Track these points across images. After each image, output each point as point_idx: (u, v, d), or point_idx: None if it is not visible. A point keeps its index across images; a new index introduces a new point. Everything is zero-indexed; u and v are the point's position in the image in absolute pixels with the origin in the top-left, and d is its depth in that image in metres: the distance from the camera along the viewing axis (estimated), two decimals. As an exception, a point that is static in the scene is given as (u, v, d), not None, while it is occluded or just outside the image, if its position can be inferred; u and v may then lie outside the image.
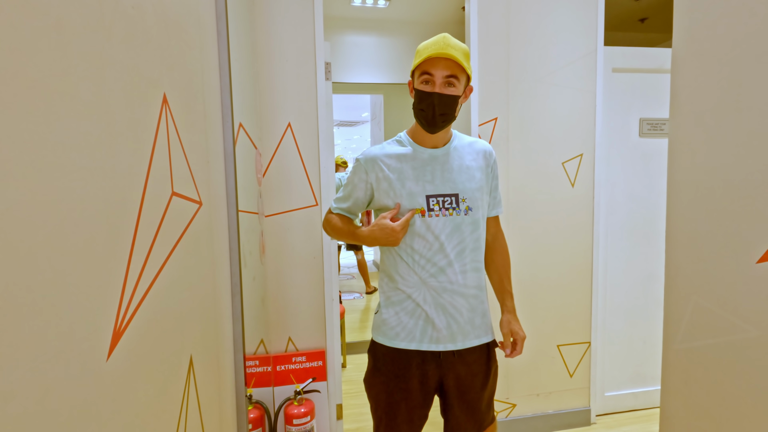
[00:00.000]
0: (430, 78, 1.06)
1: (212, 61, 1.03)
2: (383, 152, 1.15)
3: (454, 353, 1.14)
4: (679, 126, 1.03)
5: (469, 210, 1.12)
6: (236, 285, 1.14)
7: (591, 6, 2.06)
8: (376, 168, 1.14)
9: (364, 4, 2.94)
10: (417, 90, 1.09)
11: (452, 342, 1.13)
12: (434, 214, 1.10)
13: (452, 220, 1.11)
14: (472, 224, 1.13)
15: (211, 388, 0.93)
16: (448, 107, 1.06)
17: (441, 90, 1.05)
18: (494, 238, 1.27)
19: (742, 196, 0.86)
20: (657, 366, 2.23)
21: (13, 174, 0.34)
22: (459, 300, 1.13)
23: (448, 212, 1.11)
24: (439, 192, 1.11)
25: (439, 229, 1.10)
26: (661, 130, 2.19)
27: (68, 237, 0.41)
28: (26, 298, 0.35)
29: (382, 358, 1.16)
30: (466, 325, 1.14)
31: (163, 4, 0.71)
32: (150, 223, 0.61)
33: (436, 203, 1.10)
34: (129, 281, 0.54)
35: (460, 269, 1.12)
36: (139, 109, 0.59)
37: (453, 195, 1.11)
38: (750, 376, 0.84)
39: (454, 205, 1.11)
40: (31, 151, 0.36)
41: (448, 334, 1.13)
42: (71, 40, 0.43)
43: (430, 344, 1.13)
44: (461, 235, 1.12)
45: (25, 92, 0.36)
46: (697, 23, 0.98)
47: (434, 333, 1.12)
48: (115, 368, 0.49)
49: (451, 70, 1.04)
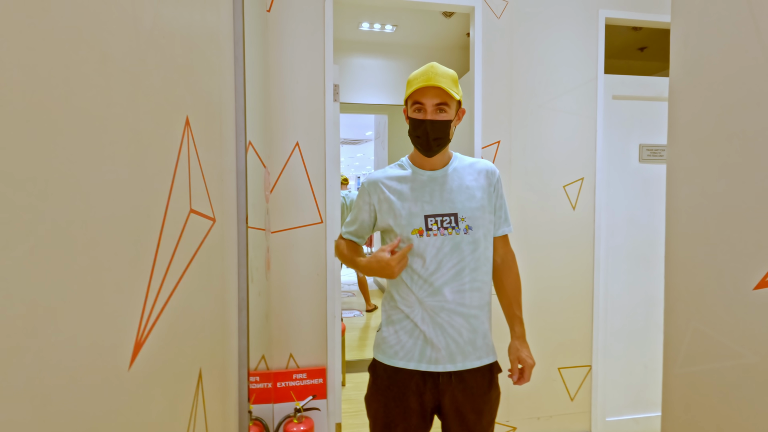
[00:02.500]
0: (422, 107, 1.11)
1: (229, 84, 1.08)
2: (384, 175, 1.21)
3: (452, 375, 1.14)
4: (677, 153, 1.07)
5: (469, 229, 1.13)
6: (243, 300, 1.16)
7: (592, 35, 2.13)
8: (377, 190, 1.19)
9: (372, 29, 3.04)
10: (411, 118, 1.14)
11: (452, 363, 1.13)
12: (432, 233, 1.12)
13: (451, 239, 1.12)
14: (472, 243, 1.13)
15: (217, 402, 0.94)
16: (441, 131, 1.11)
17: (433, 117, 1.11)
18: (503, 259, 1.25)
19: (738, 223, 0.89)
20: (658, 391, 2.22)
21: (56, 186, 0.37)
22: (458, 320, 1.13)
23: (447, 231, 1.12)
24: (438, 212, 1.13)
25: (437, 248, 1.12)
26: (660, 156, 2.24)
27: (98, 251, 0.44)
28: (62, 308, 0.38)
29: (382, 376, 1.17)
30: (466, 345, 1.14)
31: (189, 32, 0.76)
32: (171, 238, 0.64)
33: (435, 222, 1.12)
34: (150, 293, 0.57)
35: (458, 288, 1.13)
36: (166, 130, 0.63)
37: (452, 214, 1.13)
38: (750, 402, 0.86)
39: (453, 225, 1.12)
40: (71, 166, 0.39)
41: (447, 354, 1.13)
42: (113, 71, 0.47)
43: (429, 365, 1.13)
44: (460, 255, 1.13)
45: (75, 116, 0.40)
46: (692, 56, 1.03)
47: (433, 353, 1.13)
48: (136, 377, 0.51)
49: (440, 98, 1.10)
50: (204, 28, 0.86)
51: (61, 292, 0.37)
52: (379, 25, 2.98)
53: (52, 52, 0.36)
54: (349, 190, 5.76)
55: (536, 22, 2.09)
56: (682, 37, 1.06)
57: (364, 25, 2.97)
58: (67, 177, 0.38)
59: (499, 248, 1.25)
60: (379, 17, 2.88)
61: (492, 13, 2.04)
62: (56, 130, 0.37)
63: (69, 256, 0.38)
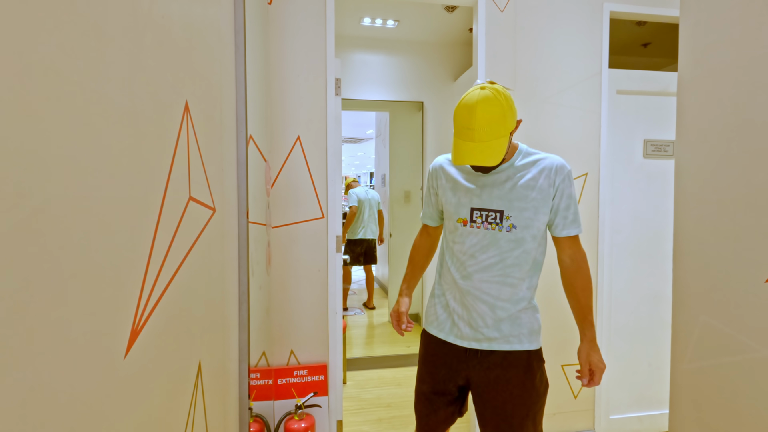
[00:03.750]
0: None
1: (229, 73, 1.06)
2: (447, 160, 1.28)
3: (477, 353, 1.20)
4: (686, 144, 1.05)
5: (513, 228, 1.15)
6: (244, 294, 1.14)
7: (596, 29, 2.11)
8: (439, 175, 1.28)
9: (374, 24, 3.01)
10: None
11: (476, 342, 1.20)
12: (476, 225, 1.18)
13: (492, 234, 1.16)
14: (514, 242, 1.15)
15: (217, 396, 0.92)
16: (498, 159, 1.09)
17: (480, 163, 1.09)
18: (572, 260, 1.23)
19: (749, 215, 0.87)
20: (663, 389, 2.20)
21: (47, 171, 0.35)
22: (482, 306, 1.18)
23: (491, 226, 1.17)
24: (485, 207, 1.17)
25: (477, 239, 1.18)
26: (665, 151, 2.22)
27: (93, 237, 0.42)
28: (55, 295, 0.36)
29: (423, 338, 1.32)
30: (491, 331, 1.18)
31: (189, 16, 0.74)
32: (169, 225, 0.62)
33: (479, 216, 1.18)
34: (147, 281, 0.55)
35: (487, 279, 1.17)
36: (164, 113, 0.61)
37: (498, 211, 1.16)
38: (763, 397, 0.84)
39: (498, 221, 1.16)
40: (64, 148, 0.37)
41: (472, 333, 1.20)
42: (107, 45, 0.45)
43: (456, 339, 1.22)
44: (498, 249, 1.16)
45: (64, 93, 0.38)
46: (702, 45, 1.01)
47: (459, 330, 1.22)
48: (132, 366, 0.49)
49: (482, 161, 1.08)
50: (204, 14, 0.84)
51: (51, 277, 0.35)
52: (380, 20, 2.95)
53: (41, 21, 0.34)
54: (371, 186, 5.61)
55: (540, 16, 2.06)
56: (691, 26, 1.04)
57: (366, 20, 2.95)
58: (58, 157, 0.36)
59: (566, 248, 1.23)
60: (380, 12, 2.86)
61: (495, 7, 2.02)
62: (46, 106, 0.35)
63: (60, 240, 0.36)
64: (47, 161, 0.35)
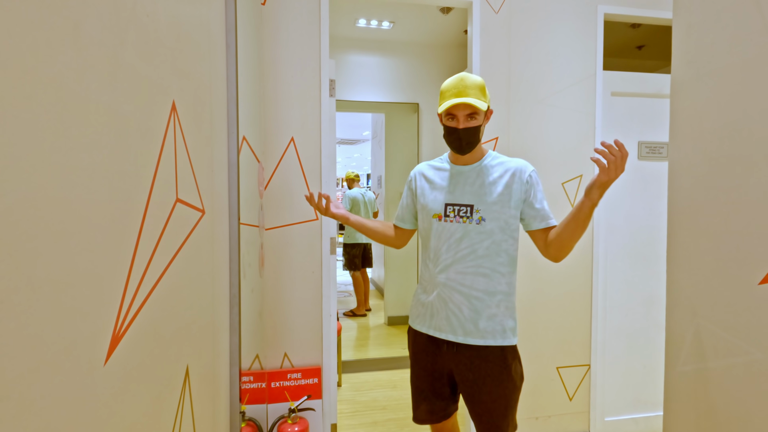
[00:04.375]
0: (454, 117, 1.25)
1: (220, 73, 1.05)
2: (427, 165, 1.42)
3: (455, 346, 1.27)
4: (679, 148, 1.05)
5: (482, 220, 1.26)
6: (235, 297, 1.13)
7: (591, 31, 2.11)
8: (418, 177, 1.41)
9: (369, 26, 3.01)
10: (445, 126, 1.29)
11: (453, 334, 1.27)
12: (449, 219, 1.29)
13: (464, 227, 1.27)
14: (483, 233, 1.25)
15: (206, 401, 0.91)
16: (472, 136, 1.26)
17: (464, 125, 1.24)
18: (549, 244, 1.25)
19: (743, 217, 0.87)
20: (657, 391, 2.19)
21: (18, 172, 0.34)
22: (458, 297, 1.26)
23: (462, 219, 1.27)
24: (457, 201, 1.29)
25: (450, 232, 1.28)
26: (659, 153, 2.22)
27: (71, 237, 0.41)
28: (27, 297, 0.34)
29: (409, 335, 1.41)
30: (466, 322, 1.26)
31: (176, 15, 0.72)
32: (154, 227, 0.61)
33: (452, 210, 1.29)
34: (130, 285, 0.53)
35: (461, 270, 1.26)
36: (149, 113, 0.60)
37: (468, 206, 1.28)
38: (756, 400, 0.83)
39: (468, 215, 1.27)
40: (38, 148, 0.36)
41: (448, 325, 1.28)
42: (87, 43, 0.44)
43: (435, 331, 1.30)
44: (470, 241, 1.26)
45: (39, 90, 0.36)
46: (695, 46, 1.01)
47: (437, 322, 1.30)
48: (112, 373, 0.48)
49: (470, 109, 1.23)
50: (193, 14, 0.83)
51: (25, 280, 0.34)
52: (376, 21, 2.95)
53: (15, 20, 0.33)
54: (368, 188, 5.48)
55: (535, 18, 2.06)
56: (684, 28, 1.04)
57: (361, 21, 2.95)
58: (33, 158, 0.35)
59: (540, 240, 1.29)
60: (375, 13, 2.85)
61: (490, 8, 2.02)
62: (21, 105, 0.34)
63: (33, 243, 0.35)
64: (19, 159, 0.33)
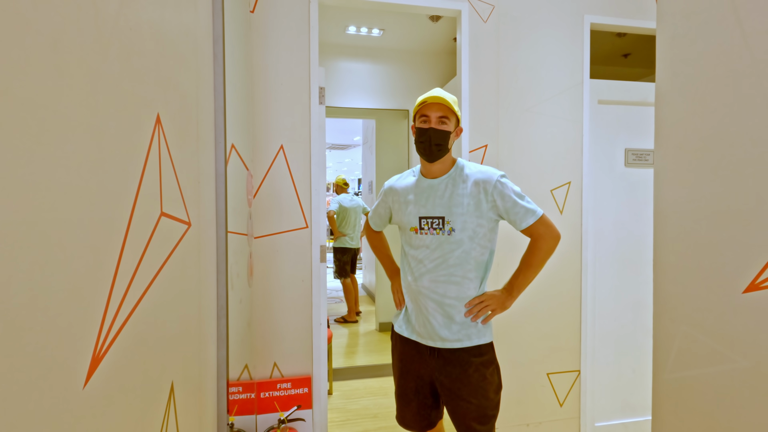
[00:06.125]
0: (427, 118, 1.31)
1: (207, 83, 1.04)
2: (398, 182, 1.46)
3: (432, 350, 1.32)
4: (664, 155, 1.06)
5: (452, 231, 1.30)
6: (222, 308, 1.11)
7: (577, 40, 2.14)
8: (392, 194, 1.46)
9: (359, 33, 3.02)
10: (417, 128, 1.34)
11: (431, 340, 1.32)
12: (424, 232, 1.34)
13: (437, 238, 1.32)
14: (453, 243, 1.30)
15: (192, 414, 0.89)
16: (442, 139, 1.30)
17: (435, 126, 1.30)
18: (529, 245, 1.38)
19: (727, 226, 0.88)
20: (647, 396, 2.21)
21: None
22: (431, 305, 1.32)
23: (435, 231, 1.32)
24: (430, 214, 1.34)
25: (425, 244, 1.33)
26: (645, 160, 2.25)
27: (49, 254, 0.40)
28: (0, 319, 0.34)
29: (392, 340, 1.46)
30: (440, 329, 1.31)
31: (161, 27, 0.72)
32: (137, 242, 0.60)
33: (426, 223, 1.34)
34: (112, 303, 0.52)
35: (434, 279, 1.31)
36: (132, 127, 0.59)
37: (440, 218, 1.32)
38: (741, 408, 0.84)
39: (441, 226, 1.32)
40: (13, 165, 0.35)
41: (424, 331, 1.33)
42: (66, 59, 0.43)
43: (415, 336, 1.36)
44: (442, 251, 1.31)
45: (15, 108, 0.36)
46: (678, 58, 1.02)
47: (416, 328, 1.36)
48: (91, 396, 0.47)
49: (443, 112, 1.30)
50: (179, 25, 0.82)
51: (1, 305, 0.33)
52: (366, 28, 2.96)
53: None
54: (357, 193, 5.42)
55: (522, 27, 2.09)
56: (668, 39, 1.06)
57: (351, 28, 2.95)
58: (7, 175, 0.34)
59: (531, 235, 1.36)
60: (366, 21, 2.86)
61: (479, 17, 2.04)
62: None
63: (9, 260, 0.34)
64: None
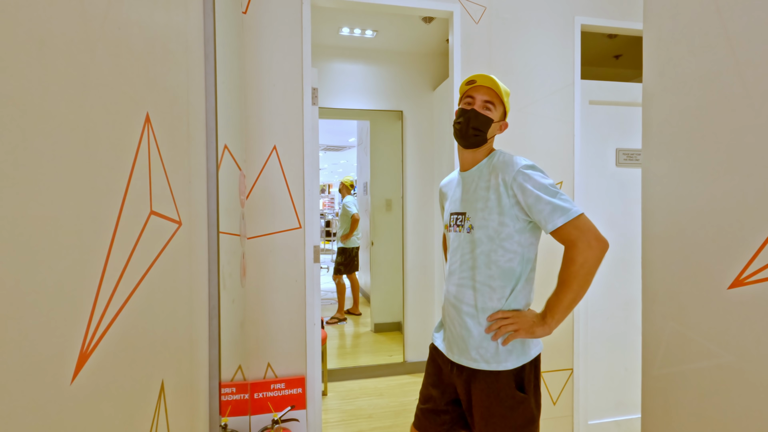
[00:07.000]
0: (472, 100, 1.20)
1: (198, 83, 1.04)
2: (445, 180, 1.38)
3: (454, 365, 1.19)
4: (651, 155, 1.08)
5: (472, 228, 1.16)
6: (214, 308, 1.11)
7: (568, 41, 2.16)
8: (440, 194, 1.39)
9: (352, 34, 3.03)
10: (459, 108, 1.22)
11: (450, 352, 1.20)
12: (452, 229, 1.23)
13: (458, 236, 1.21)
14: (472, 242, 1.16)
15: (183, 415, 0.89)
16: (482, 124, 1.17)
17: (479, 109, 1.18)
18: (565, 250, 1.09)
19: (712, 224, 0.89)
20: (639, 393, 2.23)
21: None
22: (452, 311, 1.19)
23: (458, 228, 1.21)
24: (457, 210, 1.23)
25: (450, 242, 1.24)
26: (636, 160, 2.27)
27: (35, 251, 0.40)
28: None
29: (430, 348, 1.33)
30: (459, 340, 1.16)
31: (151, 27, 0.72)
32: (126, 240, 0.60)
33: (454, 220, 1.23)
34: (100, 300, 0.53)
35: (456, 282, 1.19)
36: (121, 126, 0.59)
37: (462, 213, 1.21)
38: (727, 402, 0.85)
39: (462, 223, 1.20)
40: (0, 163, 0.36)
41: (446, 342, 1.22)
42: (53, 59, 0.44)
43: (445, 349, 1.23)
44: (462, 251, 1.19)
45: (1, 106, 0.36)
46: (664, 59, 1.04)
47: (443, 337, 1.25)
48: (79, 392, 0.47)
49: (490, 96, 1.19)
50: (170, 25, 0.82)
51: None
52: (359, 30, 2.97)
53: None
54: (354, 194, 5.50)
55: (514, 28, 2.11)
56: (654, 41, 1.08)
57: (344, 29, 2.96)
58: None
59: (563, 243, 1.09)
60: (359, 22, 2.87)
61: (470, 18, 2.06)
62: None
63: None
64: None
